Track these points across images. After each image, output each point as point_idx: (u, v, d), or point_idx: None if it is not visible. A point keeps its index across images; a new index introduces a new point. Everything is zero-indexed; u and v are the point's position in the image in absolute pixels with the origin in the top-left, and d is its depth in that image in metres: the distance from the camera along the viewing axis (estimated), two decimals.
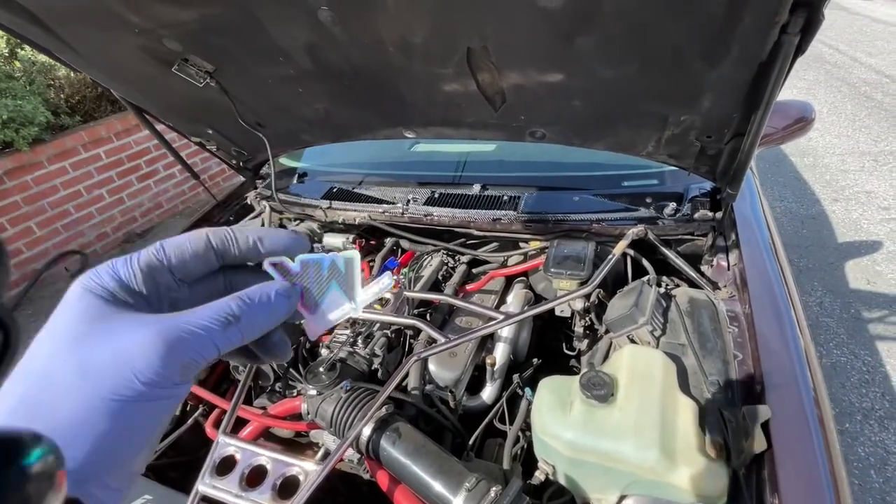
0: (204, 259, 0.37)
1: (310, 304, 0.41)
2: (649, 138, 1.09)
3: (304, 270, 0.41)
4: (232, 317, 0.34)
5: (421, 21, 0.85)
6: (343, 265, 0.42)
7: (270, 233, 0.40)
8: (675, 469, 0.77)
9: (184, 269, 0.37)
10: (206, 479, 0.87)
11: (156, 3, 0.93)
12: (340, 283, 0.42)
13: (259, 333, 0.36)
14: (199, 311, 0.33)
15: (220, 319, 0.33)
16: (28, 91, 3.10)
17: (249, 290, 0.37)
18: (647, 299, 1.07)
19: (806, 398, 0.84)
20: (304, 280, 0.41)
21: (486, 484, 0.82)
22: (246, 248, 0.39)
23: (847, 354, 2.38)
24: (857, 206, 3.59)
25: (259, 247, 0.39)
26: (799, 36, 0.67)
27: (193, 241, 0.37)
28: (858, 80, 6.00)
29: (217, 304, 0.34)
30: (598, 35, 0.80)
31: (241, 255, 0.39)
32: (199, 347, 0.32)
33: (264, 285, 0.38)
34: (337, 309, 0.42)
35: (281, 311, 0.37)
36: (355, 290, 0.42)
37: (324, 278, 0.42)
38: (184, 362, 0.31)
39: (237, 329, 0.34)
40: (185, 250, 0.37)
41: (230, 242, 0.38)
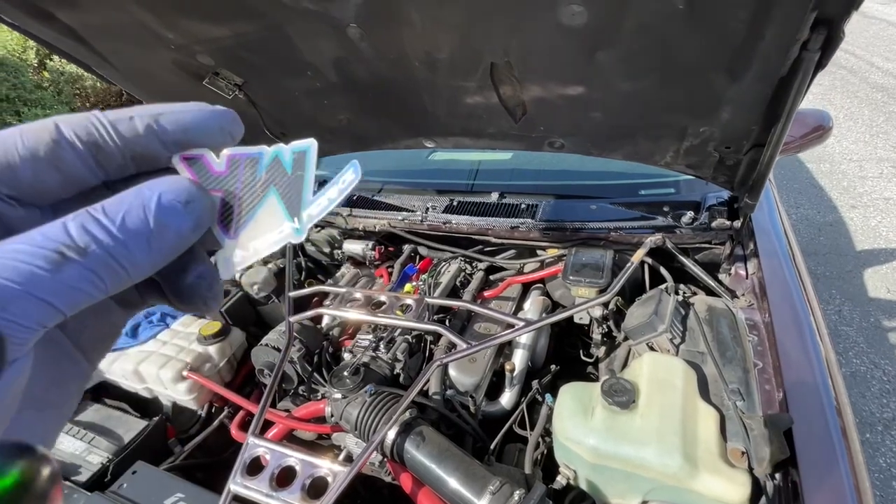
0: (53, 163, 0.23)
1: (232, 222, 0.28)
2: (668, 149, 1.11)
3: (232, 169, 0.28)
4: (71, 248, 0.20)
5: (447, 37, 0.89)
6: (291, 164, 0.28)
7: (173, 108, 0.25)
8: (697, 476, 0.78)
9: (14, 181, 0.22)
10: (238, 479, 0.90)
11: (192, 21, 0.98)
12: (282, 191, 0.28)
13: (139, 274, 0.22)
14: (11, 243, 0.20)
15: (46, 254, 0.20)
16: (56, 101, 3.20)
17: (113, 198, 0.22)
18: (666, 307, 1.09)
19: (828, 406, 0.85)
20: (228, 185, 0.28)
21: (509, 487, 0.84)
22: (133, 135, 0.24)
23: (867, 364, 2.35)
24: (876, 212, 3.54)
25: (156, 130, 0.24)
26: (819, 52, 0.69)
27: (29, 136, 0.23)
28: (875, 85, 5.92)
29: (44, 230, 0.20)
30: (619, 50, 0.82)
31: (130, 150, 0.24)
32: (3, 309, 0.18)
33: (141, 187, 0.23)
34: (270, 231, 0.28)
35: (175, 231, 0.23)
36: (303, 201, 0.28)
37: (258, 183, 0.28)
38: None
39: (83, 269, 0.20)
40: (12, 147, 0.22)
41: (102, 130, 0.23)
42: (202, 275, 0.26)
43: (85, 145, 0.23)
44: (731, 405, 0.89)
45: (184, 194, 0.23)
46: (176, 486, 1.00)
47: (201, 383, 1.26)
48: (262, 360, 1.27)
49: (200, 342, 1.33)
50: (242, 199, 0.28)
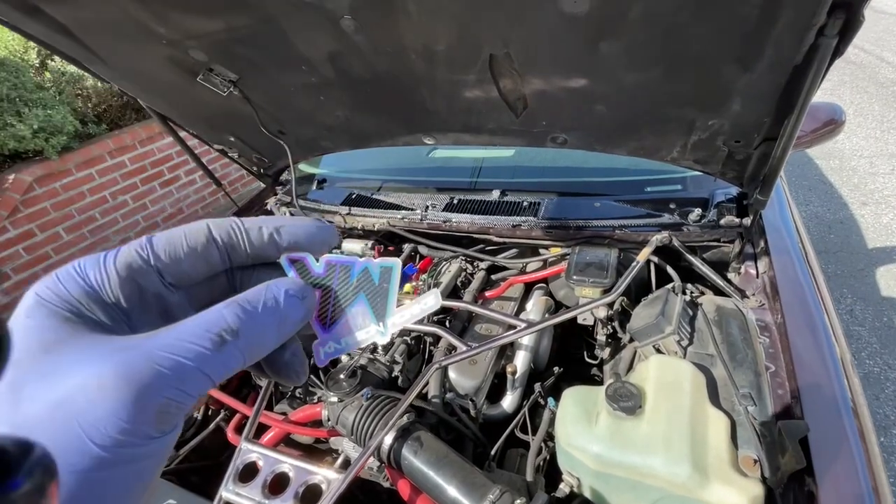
0: (204, 258, 0.29)
1: (326, 317, 0.33)
2: (674, 143, 1.07)
3: (328, 273, 0.33)
4: (228, 332, 0.25)
5: (444, 28, 0.85)
6: (378, 275, 0.33)
7: (291, 222, 0.32)
8: (707, 485, 0.74)
9: (178, 271, 0.28)
10: (230, 486, 0.88)
11: (184, 15, 0.95)
12: (370, 297, 0.33)
13: (265, 351, 0.28)
14: (182, 327, 0.24)
15: (212, 338, 0.24)
16: (57, 101, 3.20)
17: (250, 292, 0.28)
18: (673, 308, 1.05)
19: (844, 411, 0.81)
20: (325, 284, 0.33)
21: (509, 496, 0.80)
22: (259, 242, 0.30)
23: (881, 365, 2.30)
24: (888, 209, 3.47)
25: (276, 239, 0.31)
26: (837, 38, 0.65)
27: (191, 235, 0.29)
28: (886, 79, 5.82)
29: (206, 315, 0.25)
30: (625, 40, 0.79)
31: (254, 251, 0.31)
32: (181, 382, 0.23)
33: (270, 284, 0.29)
34: (359, 330, 0.33)
35: (293, 318, 0.29)
36: (388, 310, 0.33)
37: (350, 287, 0.33)
38: (161, 406, 0.22)
39: (235, 349, 0.25)
40: (178, 246, 0.28)
41: (238, 236, 0.30)
42: (296, 353, 0.31)
43: (225, 245, 0.30)
44: (743, 410, 0.85)
45: (301, 290, 0.30)
46: (168, 492, 0.98)
47: None
48: None
49: None
50: (336, 299, 0.33)
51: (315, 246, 0.32)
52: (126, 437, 0.21)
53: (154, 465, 0.24)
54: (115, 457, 0.21)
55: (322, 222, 0.33)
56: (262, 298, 0.27)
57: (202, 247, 0.29)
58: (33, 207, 3.28)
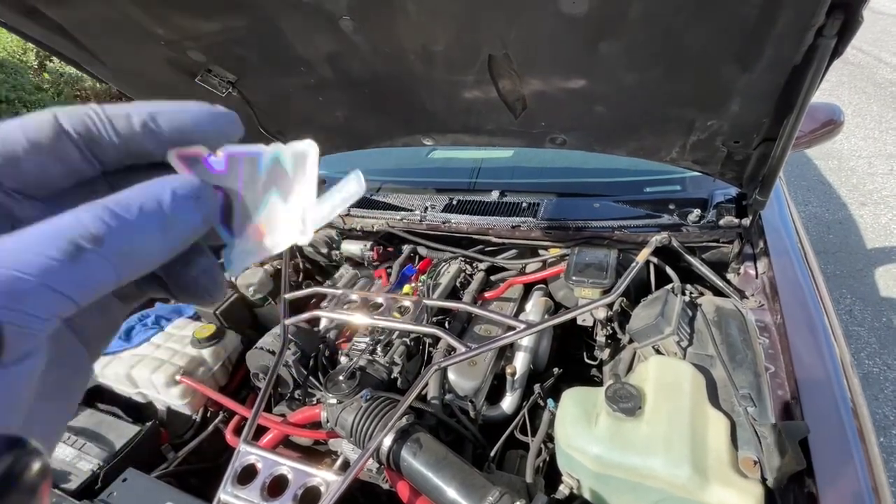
0: (56, 155, 0.23)
1: (235, 221, 0.28)
2: (674, 144, 1.07)
3: (231, 169, 0.27)
4: (87, 238, 0.20)
5: (443, 28, 0.85)
6: (292, 165, 0.27)
7: (170, 107, 0.25)
8: (708, 486, 0.74)
9: (19, 174, 0.23)
10: (228, 489, 0.87)
11: (182, 16, 0.95)
12: (283, 192, 0.27)
13: (150, 264, 0.23)
14: (20, 234, 0.20)
15: (62, 245, 0.19)
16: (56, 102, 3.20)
17: (124, 192, 0.22)
18: (672, 308, 1.05)
19: (844, 411, 0.80)
20: (228, 183, 0.27)
21: (509, 498, 0.80)
22: (128, 131, 0.24)
23: (880, 365, 2.30)
24: (887, 210, 3.48)
25: (153, 128, 0.24)
26: (836, 39, 0.65)
27: (31, 127, 0.23)
28: (884, 80, 5.84)
29: (56, 220, 0.20)
30: (624, 40, 0.79)
31: (125, 144, 0.24)
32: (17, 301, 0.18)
33: (153, 182, 0.23)
34: (275, 231, 0.27)
35: (187, 223, 0.24)
36: (304, 204, 0.27)
37: (259, 182, 0.27)
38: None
39: (100, 258, 0.20)
40: (13, 141, 0.22)
41: (99, 125, 0.24)
42: (206, 268, 0.26)
43: (83, 138, 0.24)
44: (742, 411, 0.85)
45: (195, 189, 0.24)
46: (166, 495, 0.97)
47: (195, 388, 1.23)
48: (257, 364, 1.24)
49: (194, 345, 1.30)
50: (244, 199, 0.27)
51: (209, 138, 0.26)
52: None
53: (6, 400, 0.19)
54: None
55: (215, 107, 0.26)
56: (139, 198, 0.22)
57: (48, 140, 0.23)
58: None
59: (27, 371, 0.20)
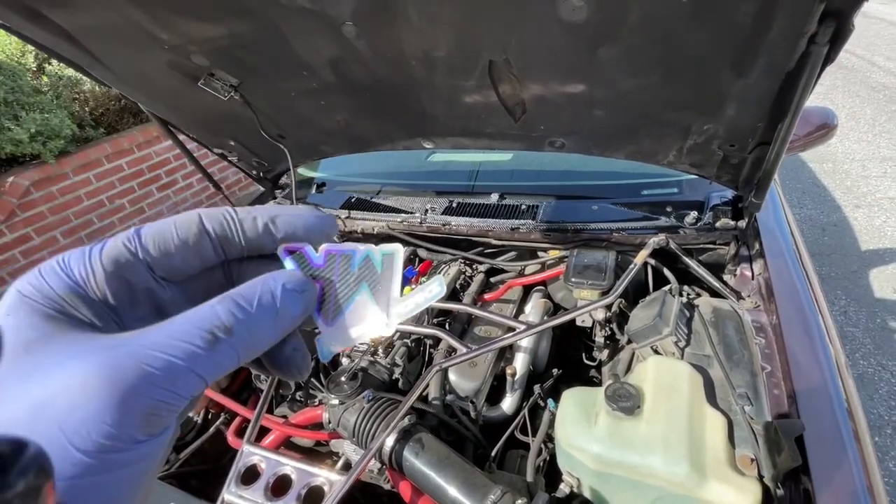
0: (197, 250, 0.27)
1: (328, 310, 0.31)
2: (671, 147, 1.08)
3: (328, 264, 0.31)
4: (221, 329, 0.23)
5: (444, 35, 0.87)
6: (380, 263, 0.31)
7: (287, 211, 0.30)
8: (706, 484, 0.75)
9: (168, 265, 0.27)
10: (232, 488, 0.88)
11: (186, 21, 0.96)
12: (372, 286, 0.31)
13: (262, 348, 0.26)
14: (171, 325, 0.23)
15: (203, 335, 0.23)
16: (55, 105, 3.20)
17: (245, 286, 0.26)
18: (670, 309, 1.06)
19: (839, 411, 0.82)
20: (325, 276, 0.31)
21: (510, 497, 0.81)
22: (254, 233, 0.29)
23: (874, 366, 2.32)
24: (881, 212, 3.51)
25: (272, 230, 0.29)
26: (828, 46, 0.67)
27: (182, 227, 0.27)
28: (877, 84, 5.90)
29: (198, 312, 0.24)
30: (622, 46, 0.80)
31: (249, 243, 0.29)
32: (171, 383, 0.21)
33: (266, 278, 0.27)
34: (362, 322, 0.30)
35: (291, 313, 0.27)
36: (391, 299, 0.31)
37: (352, 277, 0.31)
38: (149, 409, 0.21)
39: (229, 347, 0.23)
40: (168, 238, 0.27)
41: (232, 227, 0.28)
42: (297, 347, 0.30)
43: (218, 237, 0.28)
44: (739, 410, 0.86)
45: (300, 284, 0.28)
46: (169, 495, 0.98)
47: None
48: None
49: None
50: (338, 291, 0.31)
51: (313, 236, 0.30)
52: (112, 441, 0.20)
53: (144, 469, 0.22)
54: (101, 463, 0.20)
55: (320, 212, 0.31)
56: (257, 293, 0.25)
57: (194, 239, 0.27)
58: (30, 211, 3.27)
59: (166, 441, 0.23)
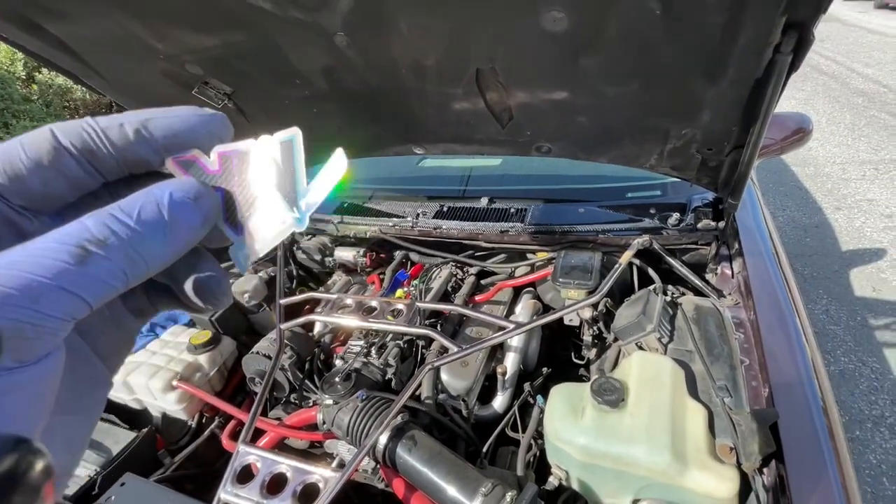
0: (58, 170, 0.24)
1: (235, 218, 0.28)
2: (652, 151, 1.13)
3: (225, 167, 0.28)
4: (94, 243, 0.21)
5: (433, 45, 0.90)
6: (280, 155, 0.28)
7: (162, 113, 0.26)
8: (687, 472, 0.78)
9: (26, 191, 0.24)
10: (228, 488, 0.90)
11: (181, 31, 0.99)
12: (277, 182, 0.28)
13: (157, 265, 0.24)
14: (31, 243, 0.21)
15: (71, 249, 0.21)
16: (45, 113, 3.19)
17: (124, 200, 0.24)
18: (654, 307, 1.10)
19: (813, 401, 0.86)
20: (224, 182, 0.28)
21: (501, 489, 0.84)
22: (124, 142, 0.25)
23: (855, 362, 2.38)
24: (860, 214, 3.61)
25: (146, 136, 0.26)
26: (792, 55, 0.71)
27: (31, 144, 0.24)
28: (856, 90, 6.07)
29: (64, 228, 0.22)
30: (602, 55, 0.84)
31: (122, 154, 0.25)
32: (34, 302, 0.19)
33: (152, 188, 0.24)
34: (274, 222, 0.28)
35: (187, 224, 0.25)
36: (298, 191, 0.28)
37: (253, 177, 0.28)
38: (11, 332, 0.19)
39: (107, 262, 0.21)
40: (16, 159, 0.24)
41: (94, 137, 0.25)
42: (211, 271, 0.27)
43: (80, 152, 0.25)
44: (719, 402, 0.90)
45: (192, 191, 0.25)
46: (165, 498, 0.99)
47: (191, 393, 1.25)
48: (253, 369, 1.26)
49: (190, 351, 1.32)
50: (241, 195, 0.28)
51: (201, 140, 0.27)
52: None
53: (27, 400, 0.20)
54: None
55: (204, 110, 0.28)
56: (138, 204, 0.23)
57: (49, 156, 0.24)
58: None
59: (46, 371, 0.21)
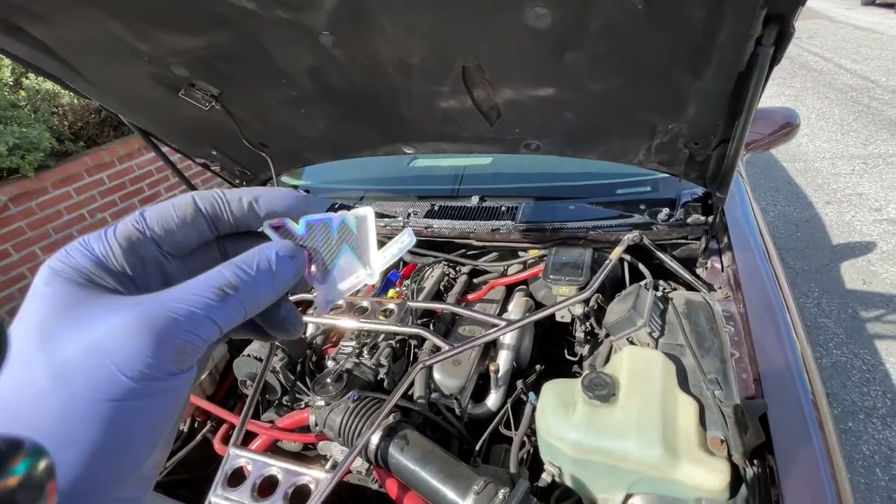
0: (194, 227, 0.33)
1: (318, 271, 0.37)
2: (639, 147, 1.13)
3: (310, 233, 0.37)
4: (229, 287, 0.29)
5: (418, 43, 0.90)
6: (355, 225, 0.37)
7: (268, 192, 0.35)
8: (679, 465, 0.79)
9: (172, 241, 0.33)
10: (219, 491, 0.89)
11: (165, 33, 0.98)
12: (352, 246, 0.37)
13: (264, 304, 0.32)
14: (189, 284, 0.29)
15: (215, 291, 0.29)
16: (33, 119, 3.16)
17: (245, 254, 0.32)
18: (644, 302, 1.10)
19: (802, 392, 0.86)
20: (309, 243, 0.37)
21: (494, 487, 0.83)
22: (240, 211, 0.34)
23: (847, 354, 2.40)
24: (850, 208, 3.65)
25: (256, 208, 0.35)
26: (773, 47, 0.72)
27: (179, 207, 0.33)
28: (845, 85, 6.13)
29: (209, 275, 0.30)
30: (586, 51, 0.85)
31: (236, 219, 0.34)
32: (194, 327, 0.27)
33: (262, 247, 0.33)
34: (350, 276, 0.37)
35: (285, 275, 0.33)
36: (369, 254, 0.38)
37: (333, 241, 0.37)
38: (178, 346, 0.27)
39: (237, 301, 0.29)
40: (169, 217, 0.32)
41: (221, 205, 0.34)
42: (290, 309, 0.36)
43: (210, 215, 0.34)
44: (710, 395, 0.90)
45: (290, 251, 0.34)
46: (158, 502, 0.98)
47: None
48: (245, 371, 1.25)
49: None
50: (323, 253, 0.37)
51: (292, 212, 0.36)
52: (151, 371, 0.26)
53: (176, 399, 0.28)
54: (144, 388, 0.26)
55: (297, 192, 0.36)
56: (255, 259, 0.32)
57: (191, 217, 0.33)
58: (8, 227, 3.21)
59: (191, 377, 0.29)
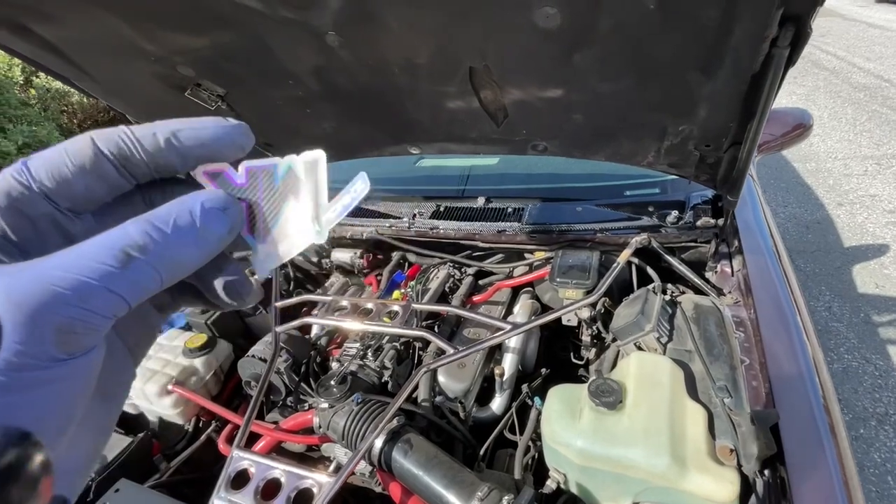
0: (96, 175, 0.26)
1: (258, 228, 0.31)
2: (649, 148, 1.11)
3: (251, 181, 0.30)
4: (135, 248, 0.24)
5: (424, 43, 0.89)
6: (303, 171, 0.30)
7: (191, 124, 0.28)
8: (687, 475, 0.77)
9: (69, 194, 0.26)
10: (222, 493, 0.89)
11: (171, 33, 0.98)
12: (299, 197, 0.31)
13: (189, 268, 0.26)
14: (82, 247, 0.23)
15: (115, 255, 0.23)
16: (42, 117, 3.19)
17: (161, 208, 0.26)
18: (652, 306, 1.08)
19: (815, 402, 0.84)
20: (249, 195, 0.30)
21: (498, 493, 0.82)
22: (156, 149, 0.27)
23: (858, 359, 2.36)
24: (862, 209, 3.59)
25: (175, 144, 0.28)
26: (789, 49, 0.70)
27: (73, 151, 0.26)
28: (858, 84, 6.03)
29: (108, 234, 0.24)
30: (596, 51, 0.83)
31: (154, 161, 0.28)
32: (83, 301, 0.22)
33: (184, 198, 0.27)
34: (294, 234, 0.31)
35: (216, 232, 0.27)
36: (319, 207, 0.30)
37: (277, 191, 0.30)
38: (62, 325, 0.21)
39: (146, 265, 0.24)
40: (61, 164, 0.26)
41: (129, 145, 0.27)
42: (235, 271, 0.30)
43: (117, 158, 0.27)
44: (719, 402, 0.89)
45: (221, 202, 0.27)
46: (160, 503, 0.98)
47: (187, 397, 1.24)
48: (249, 372, 1.25)
49: (186, 355, 1.31)
50: (265, 207, 0.31)
51: (226, 149, 0.29)
52: (23, 359, 0.20)
53: (71, 388, 0.22)
54: (15, 381, 0.20)
55: (229, 121, 0.30)
56: (173, 213, 0.26)
57: (90, 162, 0.26)
58: None
59: (90, 362, 0.23)
